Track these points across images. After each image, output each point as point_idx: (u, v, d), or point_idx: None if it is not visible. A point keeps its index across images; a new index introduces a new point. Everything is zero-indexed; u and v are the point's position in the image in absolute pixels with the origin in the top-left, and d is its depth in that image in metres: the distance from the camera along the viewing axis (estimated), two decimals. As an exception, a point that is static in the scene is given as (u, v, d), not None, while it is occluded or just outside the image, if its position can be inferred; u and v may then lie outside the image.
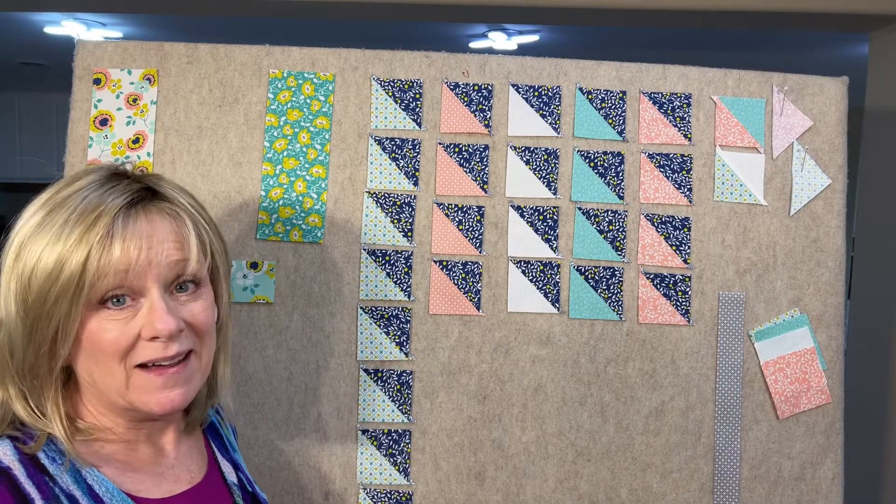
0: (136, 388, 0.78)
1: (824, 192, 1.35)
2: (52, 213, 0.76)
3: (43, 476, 0.75)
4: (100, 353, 0.76)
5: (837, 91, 1.36)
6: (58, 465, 0.76)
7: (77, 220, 0.74)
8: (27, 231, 0.77)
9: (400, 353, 1.30)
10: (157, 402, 0.78)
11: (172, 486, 0.85)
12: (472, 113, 1.32)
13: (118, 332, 0.76)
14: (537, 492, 1.31)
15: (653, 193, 1.34)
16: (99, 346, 0.76)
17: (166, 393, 0.78)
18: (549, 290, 1.32)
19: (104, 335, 0.76)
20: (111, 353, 0.76)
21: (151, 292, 0.77)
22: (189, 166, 1.28)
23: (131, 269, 0.75)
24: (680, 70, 1.35)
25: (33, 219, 0.77)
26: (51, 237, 0.74)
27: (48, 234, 0.75)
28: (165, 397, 0.79)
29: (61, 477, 0.76)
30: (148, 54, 1.30)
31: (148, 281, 0.76)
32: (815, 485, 1.34)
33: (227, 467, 0.94)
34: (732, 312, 1.34)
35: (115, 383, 0.78)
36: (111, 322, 0.76)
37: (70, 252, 0.73)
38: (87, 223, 0.74)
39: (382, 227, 1.30)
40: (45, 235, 0.75)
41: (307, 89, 1.31)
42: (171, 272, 0.78)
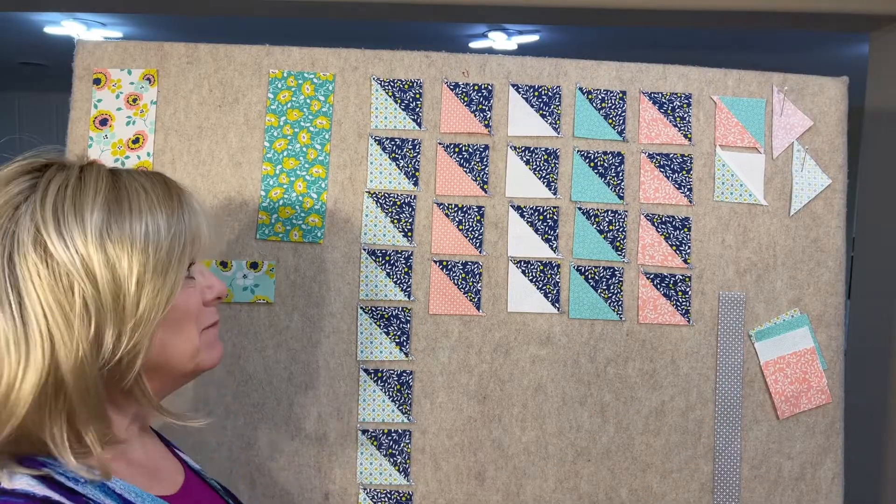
0: (205, 346, 0.84)
1: (824, 192, 1.35)
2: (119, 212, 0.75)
3: (80, 497, 0.71)
4: (185, 321, 0.81)
5: (837, 91, 1.36)
6: (83, 485, 0.72)
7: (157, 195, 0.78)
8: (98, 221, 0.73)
9: (400, 353, 1.30)
10: (218, 355, 0.87)
11: (175, 478, 0.88)
12: (472, 113, 1.32)
13: (197, 298, 0.83)
14: (537, 492, 1.31)
15: (653, 193, 1.34)
16: (187, 313, 0.81)
17: (219, 346, 0.88)
18: (549, 290, 1.32)
19: (192, 301, 0.82)
20: (193, 320, 0.82)
21: (199, 263, 0.85)
22: (189, 166, 1.28)
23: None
24: (680, 70, 1.35)
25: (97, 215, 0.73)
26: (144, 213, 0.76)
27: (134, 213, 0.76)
28: (219, 350, 0.88)
29: (94, 494, 0.73)
30: (148, 54, 1.30)
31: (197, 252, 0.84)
32: (815, 485, 1.34)
33: (186, 457, 0.96)
34: (732, 312, 1.34)
35: (191, 348, 0.82)
36: (191, 290, 0.82)
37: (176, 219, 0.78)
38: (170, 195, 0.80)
39: (382, 227, 1.30)
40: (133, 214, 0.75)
41: (307, 89, 1.31)
42: None
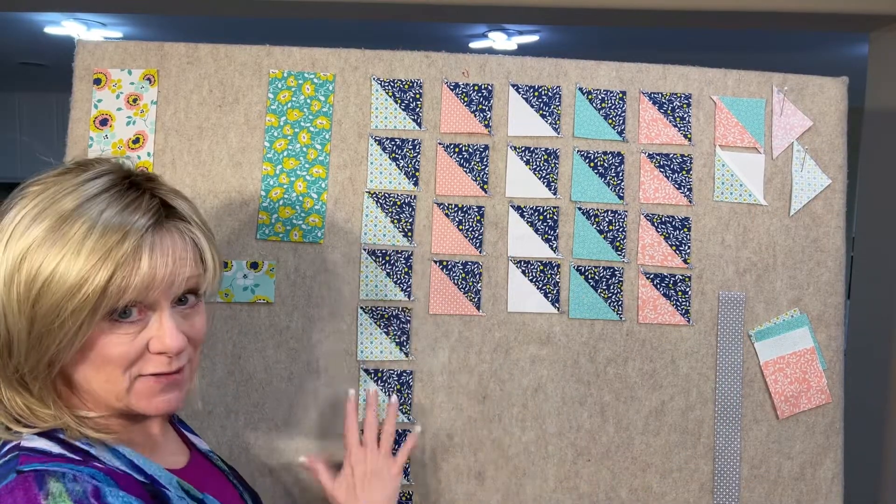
0: (136, 394, 0.79)
1: (824, 192, 1.35)
2: (62, 222, 0.74)
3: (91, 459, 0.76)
4: (105, 364, 0.77)
5: (837, 91, 1.36)
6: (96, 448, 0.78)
7: (100, 236, 0.74)
8: (35, 236, 0.74)
9: (400, 353, 1.30)
10: (156, 406, 0.81)
11: (178, 459, 0.89)
12: (472, 113, 1.32)
13: (127, 346, 0.77)
14: (537, 492, 1.31)
15: (653, 193, 1.34)
16: (106, 358, 0.77)
17: (164, 397, 0.81)
18: (549, 290, 1.32)
19: (113, 349, 0.76)
20: (117, 365, 0.77)
21: (163, 309, 0.78)
22: (189, 166, 1.28)
23: (154, 287, 0.76)
24: (680, 70, 1.35)
25: (39, 225, 0.74)
26: (68, 250, 0.73)
27: (63, 245, 0.73)
28: (163, 401, 0.81)
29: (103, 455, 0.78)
30: (148, 54, 1.30)
31: (161, 298, 0.78)
32: (815, 485, 1.34)
33: (196, 438, 0.98)
34: (732, 312, 1.34)
35: (116, 389, 0.79)
36: (120, 336, 0.77)
37: (94, 270, 0.73)
38: (113, 241, 0.74)
39: (382, 227, 1.30)
40: (59, 246, 0.73)
41: (307, 89, 1.31)
42: (184, 288, 0.80)
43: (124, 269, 0.74)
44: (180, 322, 0.80)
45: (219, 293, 1.27)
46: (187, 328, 0.81)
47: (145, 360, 0.78)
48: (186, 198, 0.86)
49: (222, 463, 1.00)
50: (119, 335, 0.76)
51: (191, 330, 0.82)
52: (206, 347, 1.25)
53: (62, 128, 1.27)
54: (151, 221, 0.77)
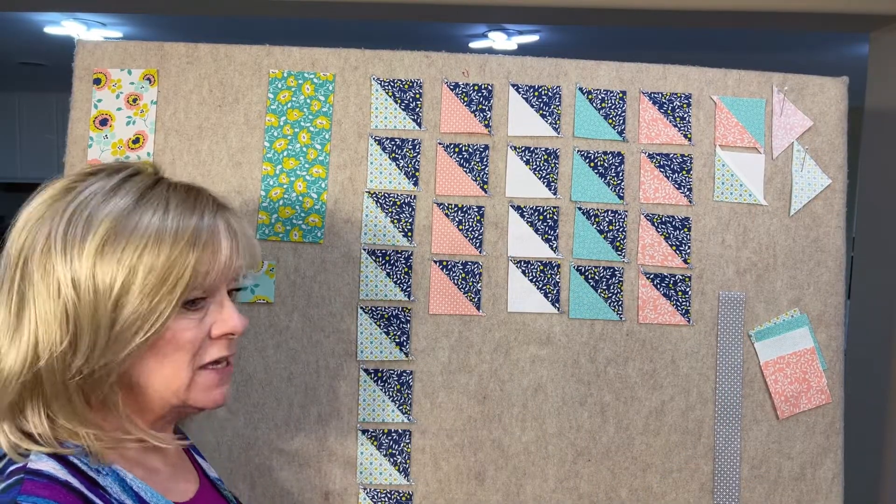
0: (197, 387, 0.81)
1: (824, 192, 1.35)
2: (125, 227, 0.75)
3: (97, 489, 0.74)
4: (174, 352, 0.78)
5: (837, 91, 1.36)
6: (104, 477, 0.76)
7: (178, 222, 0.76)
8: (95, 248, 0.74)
9: (400, 353, 1.30)
10: (213, 399, 0.83)
11: (185, 487, 0.87)
12: (472, 113, 1.32)
13: (195, 332, 0.79)
14: (537, 492, 1.31)
15: (653, 193, 1.34)
16: (176, 346, 0.78)
17: (220, 389, 0.83)
18: (549, 290, 1.32)
19: (184, 335, 0.78)
20: (185, 353, 0.78)
21: (222, 293, 0.81)
22: (189, 166, 1.28)
23: (230, 269, 0.80)
24: (680, 70, 1.35)
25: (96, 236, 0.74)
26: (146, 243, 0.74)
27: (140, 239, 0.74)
28: (220, 393, 0.83)
29: (111, 487, 0.75)
30: (148, 54, 1.30)
31: (223, 283, 0.80)
32: (815, 485, 1.34)
33: (204, 463, 0.97)
34: (732, 312, 1.34)
35: (178, 383, 0.79)
36: (190, 321, 0.78)
37: (182, 255, 0.75)
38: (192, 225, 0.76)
39: (382, 227, 1.30)
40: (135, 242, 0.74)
41: (307, 89, 1.31)
42: (236, 276, 0.83)
43: (205, 257, 0.77)
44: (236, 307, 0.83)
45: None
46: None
47: (209, 346, 0.80)
48: None
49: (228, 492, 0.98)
50: (189, 320, 0.78)
51: None
52: None
53: (62, 128, 1.27)
54: (216, 208, 0.81)
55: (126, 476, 0.78)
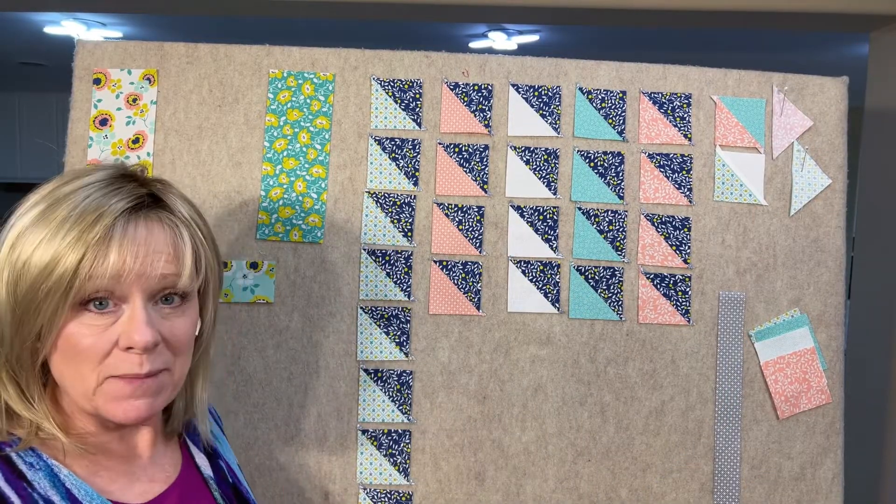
0: (103, 395, 0.77)
1: (824, 192, 1.35)
2: (52, 208, 0.75)
3: (20, 482, 0.74)
4: (75, 355, 0.75)
5: (837, 91, 1.36)
6: (35, 471, 0.75)
7: (77, 218, 0.74)
8: (25, 222, 0.76)
9: (400, 353, 1.30)
10: (123, 411, 0.77)
11: (147, 487, 0.84)
12: (472, 113, 1.32)
13: (96, 338, 0.75)
14: (537, 492, 1.31)
15: (653, 193, 1.34)
16: (75, 348, 0.75)
17: (132, 402, 0.77)
18: (549, 290, 1.32)
19: (82, 339, 0.75)
20: (86, 358, 0.75)
21: (135, 301, 0.75)
22: (189, 166, 1.28)
23: (123, 277, 0.74)
24: (680, 70, 1.35)
25: (33, 210, 0.76)
26: (48, 232, 0.74)
27: (46, 228, 0.74)
28: (131, 406, 0.77)
29: (39, 482, 0.75)
30: (148, 54, 1.30)
31: (134, 289, 0.75)
32: (815, 485, 1.34)
33: (202, 460, 0.92)
34: (732, 312, 1.34)
35: (84, 388, 0.76)
36: (90, 327, 0.75)
37: (66, 250, 0.72)
38: (87, 223, 0.73)
39: (382, 227, 1.30)
40: (42, 229, 0.74)
41: (307, 89, 1.31)
42: (160, 284, 0.77)
43: (94, 253, 0.73)
44: (157, 320, 0.77)
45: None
46: (166, 329, 0.78)
47: (116, 358, 0.75)
48: (190, 201, 0.84)
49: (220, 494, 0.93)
50: (89, 325, 0.75)
51: (169, 332, 0.78)
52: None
53: (62, 128, 1.27)
54: (129, 206, 0.76)
55: (60, 471, 0.77)
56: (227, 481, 0.93)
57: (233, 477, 0.95)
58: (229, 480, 0.94)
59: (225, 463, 0.96)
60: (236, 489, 0.94)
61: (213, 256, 0.85)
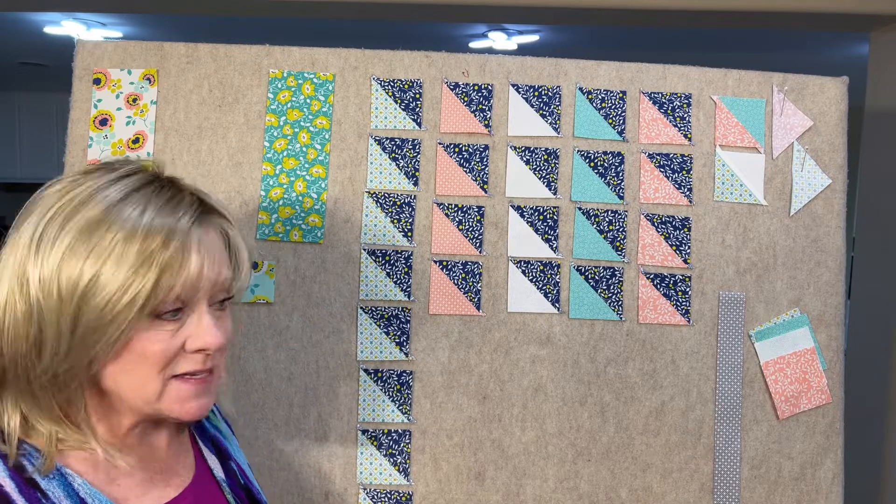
0: (169, 397, 0.78)
1: (824, 192, 1.35)
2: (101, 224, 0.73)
3: (34, 491, 0.73)
4: (142, 362, 0.76)
5: (837, 91, 1.36)
6: (49, 480, 0.75)
7: (143, 238, 0.73)
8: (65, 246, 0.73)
9: (400, 353, 1.30)
10: (188, 411, 0.80)
11: (162, 492, 0.84)
12: (472, 113, 1.32)
13: (166, 344, 0.76)
14: (537, 492, 1.31)
15: (653, 193, 1.34)
16: (143, 356, 0.75)
17: (196, 402, 0.80)
18: (549, 290, 1.32)
19: (152, 346, 0.75)
20: (153, 364, 0.76)
21: (201, 306, 0.78)
22: (189, 166, 1.28)
23: (201, 285, 0.76)
24: (680, 70, 1.35)
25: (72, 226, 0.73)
26: (108, 256, 0.72)
27: (103, 251, 0.72)
28: (195, 405, 0.80)
29: (53, 492, 0.74)
30: (148, 54, 1.30)
31: (203, 296, 0.77)
32: (815, 485, 1.34)
33: (214, 462, 0.93)
34: (732, 312, 1.34)
35: (147, 392, 0.77)
36: (161, 333, 0.76)
37: (139, 275, 0.72)
38: (157, 243, 0.73)
39: (382, 227, 1.30)
40: (98, 252, 0.72)
41: (307, 89, 1.31)
42: (222, 289, 0.80)
43: (171, 270, 0.74)
44: (216, 322, 0.80)
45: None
46: (222, 330, 0.81)
47: (182, 359, 0.78)
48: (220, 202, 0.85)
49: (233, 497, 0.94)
50: (160, 332, 0.76)
51: (224, 332, 0.81)
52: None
53: (62, 128, 1.27)
54: (195, 219, 0.77)
55: (74, 480, 0.76)
56: (239, 483, 0.94)
57: (244, 478, 0.95)
58: (241, 482, 0.94)
59: (236, 464, 0.96)
60: (248, 491, 0.95)
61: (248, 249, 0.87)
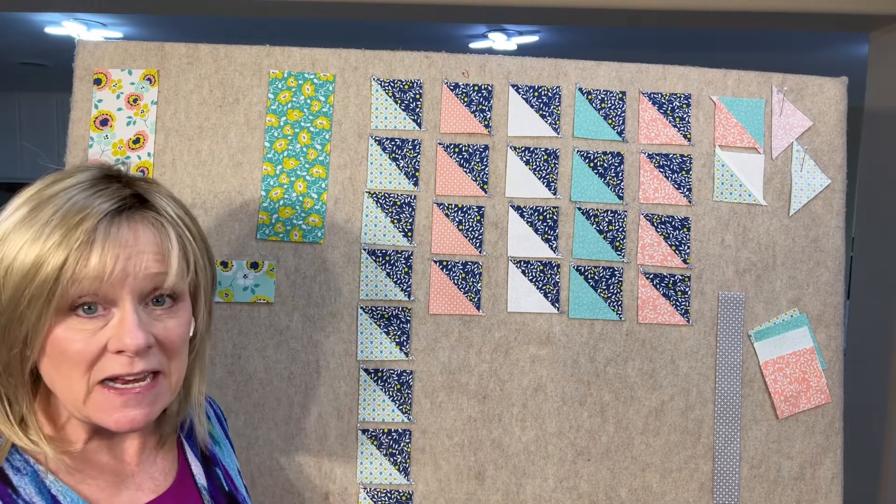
0: (94, 404, 0.75)
1: (824, 192, 1.35)
2: (36, 209, 0.73)
3: (5, 487, 0.73)
4: (63, 361, 0.73)
5: (837, 91, 1.36)
6: (22, 476, 0.74)
7: (60, 220, 0.71)
8: (10, 225, 0.73)
9: (400, 353, 1.30)
10: (116, 421, 0.75)
11: (134, 496, 0.82)
12: (472, 113, 1.33)
13: (85, 343, 0.73)
14: (537, 492, 1.31)
15: (652, 193, 1.34)
16: (63, 354, 0.73)
17: (126, 412, 0.75)
18: (549, 290, 1.32)
19: (70, 344, 0.73)
20: (75, 364, 0.73)
21: (124, 303, 0.74)
22: (189, 166, 1.29)
23: (106, 279, 0.72)
24: (680, 70, 1.35)
25: (18, 212, 0.74)
26: (31, 234, 0.72)
27: (29, 230, 0.72)
28: (124, 416, 0.75)
29: (24, 488, 0.74)
30: (148, 54, 1.30)
31: (122, 291, 0.73)
32: (815, 485, 1.34)
33: (198, 468, 0.90)
34: (732, 312, 1.34)
35: (73, 395, 0.75)
36: (79, 332, 0.73)
37: (48, 254, 0.70)
38: (69, 226, 0.71)
39: (382, 227, 1.31)
40: (25, 232, 0.72)
41: (307, 89, 1.31)
42: (149, 284, 0.75)
43: (76, 256, 0.71)
44: (148, 321, 0.75)
45: (219, 293, 1.27)
46: (159, 331, 0.76)
47: (105, 361, 0.74)
48: (178, 200, 0.82)
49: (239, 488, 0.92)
50: (77, 330, 0.73)
51: (162, 333, 0.76)
52: None
53: (62, 128, 1.27)
54: (113, 207, 0.74)
55: (46, 477, 0.76)
56: (222, 490, 0.91)
57: (230, 485, 0.93)
58: (225, 489, 0.92)
59: (223, 470, 0.94)
60: (232, 497, 0.92)
61: (203, 255, 0.83)
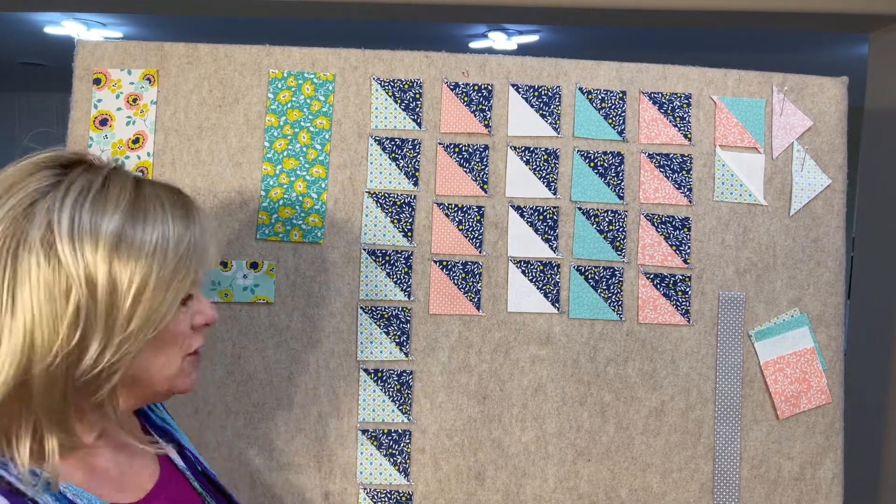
0: (181, 374, 0.85)
1: (824, 192, 1.35)
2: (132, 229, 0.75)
3: (24, 499, 0.72)
4: (170, 344, 0.82)
5: (837, 91, 1.36)
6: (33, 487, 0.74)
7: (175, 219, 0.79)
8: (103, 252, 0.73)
9: (400, 353, 1.30)
10: (192, 382, 0.88)
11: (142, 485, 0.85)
12: (472, 113, 1.32)
13: (186, 325, 0.84)
14: (537, 492, 1.31)
15: (653, 193, 1.34)
16: (173, 338, 0.82)
17: (193, 375, 0.88)
18: (549, 289, 1.32)
19: (179, 327, 0.82)
20: (178, 343, 0.83)
21: (198, 287, 0.85)
22: (189, 166, 1.28)
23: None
24: (680, 70, 1.35)
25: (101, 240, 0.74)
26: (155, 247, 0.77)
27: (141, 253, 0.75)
28: (195, 378, 0.89)
29: (41, 497, 0.73)
30: (148, 54, 1.30)
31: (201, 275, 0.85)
32: (815, 485, 1.34)
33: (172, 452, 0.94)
34: (732, 312, 1.34)
35: (170, 370, 0.84)
36: (183, 315, 0.83)
37: (185, 255, 0.79)
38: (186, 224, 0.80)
39: (382, 227, 1.30)
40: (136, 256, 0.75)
41: (307, 89, 1.31)
42: None
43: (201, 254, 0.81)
44: None
45: (218, 293, 1.27)
46: None
47: (191, 337, 0.85)
48: None
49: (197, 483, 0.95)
50: (182, 313, 0.83)
51: None
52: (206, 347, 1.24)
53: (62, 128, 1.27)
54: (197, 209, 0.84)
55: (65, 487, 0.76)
56: (197, 470, 0.95)
57: (200, 465, 0.97)
58: (199, 469, 0.95)
59: (191, 452, 0.97)
60: (207, 476, 0.96)
61: None
